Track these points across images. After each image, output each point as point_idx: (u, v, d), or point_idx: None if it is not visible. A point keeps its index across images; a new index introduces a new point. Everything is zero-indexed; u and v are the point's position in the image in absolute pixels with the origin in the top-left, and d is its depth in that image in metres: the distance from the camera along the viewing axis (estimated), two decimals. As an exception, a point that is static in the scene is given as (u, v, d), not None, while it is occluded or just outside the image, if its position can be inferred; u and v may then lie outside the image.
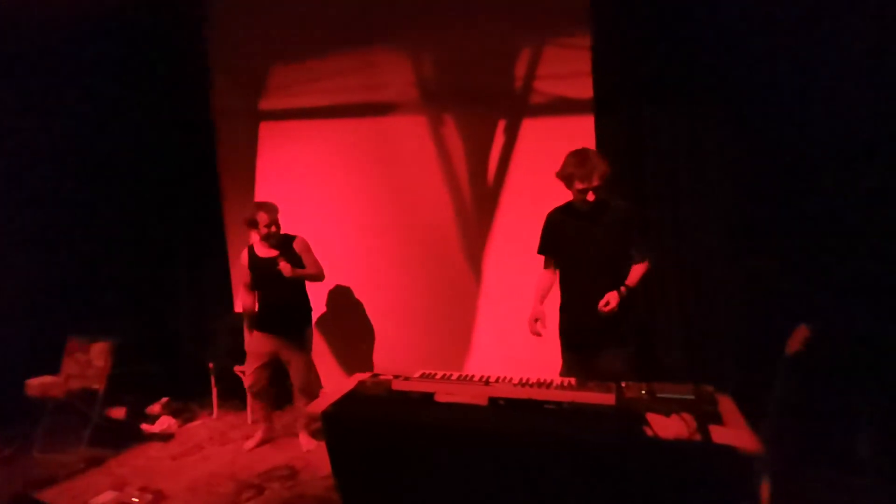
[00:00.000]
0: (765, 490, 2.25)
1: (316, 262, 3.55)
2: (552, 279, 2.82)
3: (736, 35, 2.98)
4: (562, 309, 2.76)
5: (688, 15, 3.11)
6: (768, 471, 2.24)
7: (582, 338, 2.67)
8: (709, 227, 3.18)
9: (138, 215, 4.53)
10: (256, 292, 3.59)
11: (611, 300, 2.51)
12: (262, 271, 3.47)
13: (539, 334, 2.74)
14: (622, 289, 2.55)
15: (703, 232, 3.18)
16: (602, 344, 2.60)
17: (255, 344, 3.55)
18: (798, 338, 2.33)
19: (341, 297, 4.27)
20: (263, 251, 3.49)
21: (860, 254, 2.81)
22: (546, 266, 2.84)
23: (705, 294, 3.24)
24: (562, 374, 2.73)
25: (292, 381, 3.62)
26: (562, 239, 2.72)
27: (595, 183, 2.50)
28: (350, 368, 4.18)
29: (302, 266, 3.47)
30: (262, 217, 3.40)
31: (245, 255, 3.56)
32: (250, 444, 3.67)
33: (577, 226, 2.65)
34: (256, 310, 3.61)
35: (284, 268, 3.33)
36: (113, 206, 4.49)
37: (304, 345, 3.60)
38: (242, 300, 3.67)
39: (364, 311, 4.20)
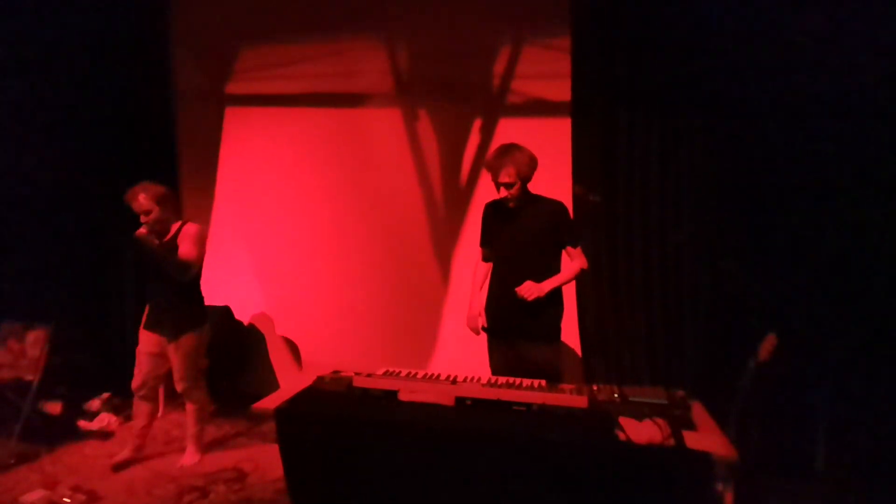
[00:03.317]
0: (729, 497, 2.23)
1: (188, 250, 2.91)
2: (487, 270, 2.82)
3: (715, 42, 3.01)
4: (488, 297, 2.77)
5: (668, 22, 3.12)
6: (734, 477, 2.23)
7: (502, 324, 2.67)
8: (680, 232, 3.19)
9: (86, 195, 4.21)
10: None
11: (526, 292, 2.49)
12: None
13: (478, 332, 2.73)
14: (544, 284, 2.53)
15: (673, 236, 3.19)
16: (524, 334, 2.60)
17: (141, 342, 3.10)
18: (767, 347, 2.34)
19: (305, 293, 4.09)
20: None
21: (826, 264, 2.86)
22: (483, 258, 2.85)
23: (672, 297, 3.24)
24: (490, 362, 2.74)
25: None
26: (491, 232, 2.76)
27: (502, 180, 2.50)
28: (313, 367, 4.02)
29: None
30: (132, 202, 2.87)
31: None
32: (117, 458, 3.14)
33: (502, 220, 2.68)
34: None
35: (141, 232, 2.92)
36: (58, 186, 4.17)
37: (184, 348, 3.03)
38: None
39: (328, 307, 4.04)
